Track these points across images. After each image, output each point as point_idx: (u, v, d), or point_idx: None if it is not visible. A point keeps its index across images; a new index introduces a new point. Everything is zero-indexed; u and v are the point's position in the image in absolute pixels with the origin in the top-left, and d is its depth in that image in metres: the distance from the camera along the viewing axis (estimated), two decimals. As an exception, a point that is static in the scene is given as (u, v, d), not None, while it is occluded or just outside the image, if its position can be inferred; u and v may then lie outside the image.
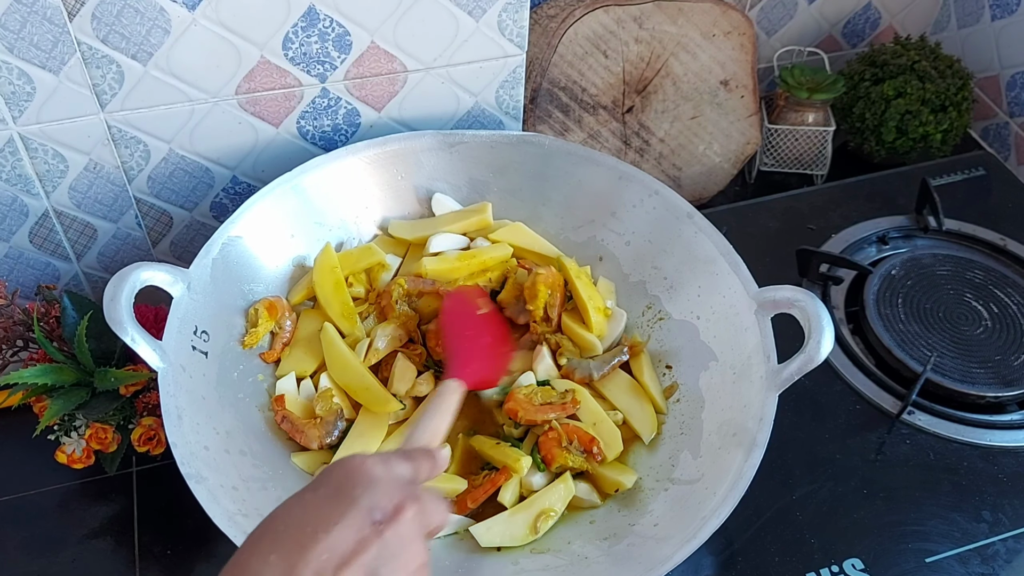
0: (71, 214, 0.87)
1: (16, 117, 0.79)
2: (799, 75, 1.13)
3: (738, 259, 0.79)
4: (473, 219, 0.89)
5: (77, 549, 0.81)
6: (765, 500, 0.81)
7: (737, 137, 1.10)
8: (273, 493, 0.72)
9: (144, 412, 0.82)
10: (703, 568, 0.77)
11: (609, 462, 0.78)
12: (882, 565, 0.78)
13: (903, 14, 1.24)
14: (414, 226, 0.90)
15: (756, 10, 1.15)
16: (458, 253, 0.88)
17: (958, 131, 1.14)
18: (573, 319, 0.84)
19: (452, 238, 0.89)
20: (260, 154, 0.89)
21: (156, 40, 0.77)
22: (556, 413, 0.78)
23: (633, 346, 0.84)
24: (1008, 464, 0.85)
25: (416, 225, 0.90)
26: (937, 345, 0.93)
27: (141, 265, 0.72)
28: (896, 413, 0.88)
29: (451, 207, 0.91)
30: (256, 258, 0.82)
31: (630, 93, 1.04)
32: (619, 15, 0.98)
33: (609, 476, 0.77)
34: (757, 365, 0.74)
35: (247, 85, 0.83)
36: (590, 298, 0.84)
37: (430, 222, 0.90)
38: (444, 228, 0.89)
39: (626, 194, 0.87)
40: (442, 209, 0.90)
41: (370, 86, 0.87)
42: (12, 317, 0.81)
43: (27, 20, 0.73)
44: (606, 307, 0.85)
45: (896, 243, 1.04)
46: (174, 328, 0.73)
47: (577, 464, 0.76)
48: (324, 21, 0.81)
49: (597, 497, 0.77)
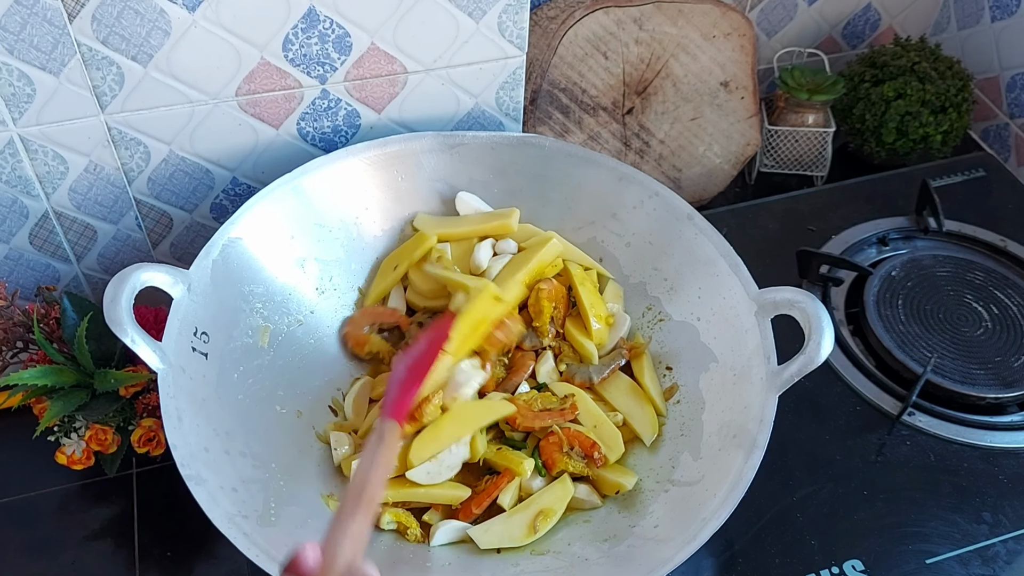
0: (71, 215, 0.87)
1: (16, 119, 0.79)
2: (799, 76, 1.13)
3: (738, 260, 0.79)
4: (496, 223, 0.88)
5: (77, 551, 0.81)
6: (765, 501, 0.81)
7: (737, 138, 1.10)
8: (274, 495, 0.72)
9: (144, 413, 0.82)
10: (703, 570, 0.77)
11: (610, 464, 0.78)
12: (883, 566, 0.77)
13: (903, 15, 1.24)
14: (439, 222, 0.90)
15: (756, 11, 1.15)
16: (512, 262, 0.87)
17: (958, 132, 1.14)
18: (576, 325, 0.84)
19: (487, 246, 0.88)
20: (260, 155, 0.89)
21: (156, 41, 0.77)
22: (555, 419, 0.78)
23: (634, 347, 0.84)
24: (1008, 465, 0.85)
25: (441, 222, 0.90)
26: (937, 346, 0.93)
27: (141, 266, 0.72)
28: (896, 414, 0.88)
29: (477, 206, 0.90)
30: (256, 259, 0.82)
31: (630, 94, 1.04)
32: (619, 16, 0.98)
33: (609, 478, 0.77)
34: (757, 366, 0.74)
35: (247, 86, 0.83)
36: (592, 306, 0.84)
37: (454, 220, 0.90)
38: (471, 228, 0.88)
39: (626, 195, 0.87)
40: (466, 208, 0.90)
41: (370, 87, 0.87)
42: (12, 318, 0.81)
43: (27, 22, 0.73)
44: (609, 315, 0.85)
45: (896, 244, 1.04)
46: (174, 329, 0.73)
47: (578, 469, 0.76)
48: (324, 22, 0.81)
49: (597, 498, 0.77)
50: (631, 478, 0.77)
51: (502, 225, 0.88)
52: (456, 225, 0.89)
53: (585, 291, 0.85)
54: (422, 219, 0.90)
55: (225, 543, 0.64)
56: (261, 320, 0.82)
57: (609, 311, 0.86)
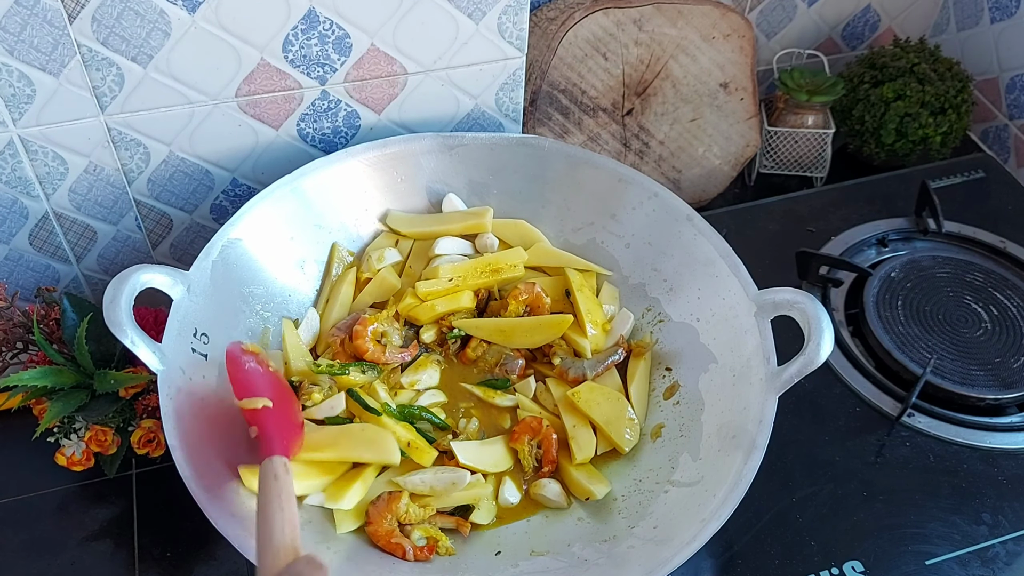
0: (71, 216, 0.87)
1: (16, 119, 0.79)
2: (799, 78, 1.13)
3: (738, 261, 0.80)
4: (471, 222, 0.89)
5: (77, 551, 0.81)
6: (765, 502, 0.81)
7: (737, 139, 1.11)
8: (273, 495, 0.72)
9: (144, 414, 0.82)
10: (703, 571, 0.77)
11: (582, 465, 0.78)
12: (882, 567, 0.78)
13: (902, 16, 1.24)
14: (412, 220, 0.90)
15: (756, 12, 1.15)
16: (464, 264, 0.87)
17: (957, 133, 1.14)
18: (573, 329, 0.84)
19: (457, 243, 0.89)
20: (260, 156, 0.89)
21: (156, 42, 0.78)
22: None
23: (637, 347, 0.84)
24: (1008, 466, 0.85)
25: (415, 220, 0.90)
26: (937, 347, 0.93)
27: (141, 267, 0.72)
28: (896, 415, 0.88)
29: (460, 209, 0.91)
30: (256, 260, 0.82)
31: (630, 95, 1.04)
32: (619, 17, 0.98)
33: (583, 482, 0.77)
34: (757, 367, 0.74)
35: (247, 87, 0.83)
36: (589, 312, 0.84)
37: (428, 219, 0.90)
38: (443, 227, 0.89)
39: (626, 196, 0.87)
40: (452, 210, 0.90)
41: (370, 88, 0.87)
42: (12, 319, 0.81)
43: (27, 23, 0.73)
44: (606, 321, 0.85)
45: (896, 245, 1.04)
46: (174, 330, 0.73)
47: (525, 463, 0.78)
48: (324, 24, 0.81)
49: (564, 501, 0.77)
50: (603, 487, 0.76)
51: (476, 224, 0.89)
52: (429, 224, 0.89)
53: (583, 297, 0.85)
54: (394, 217, 0.90)
55: (225, 544, 0.64)
56: (261, 321, 0.82)
57: (606, 315, 0.86)
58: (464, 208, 0.91)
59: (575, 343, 0.84)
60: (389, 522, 0.72)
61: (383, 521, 0.72)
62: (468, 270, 0.86)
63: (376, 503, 0.73)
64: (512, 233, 0.90)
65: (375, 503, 0.73)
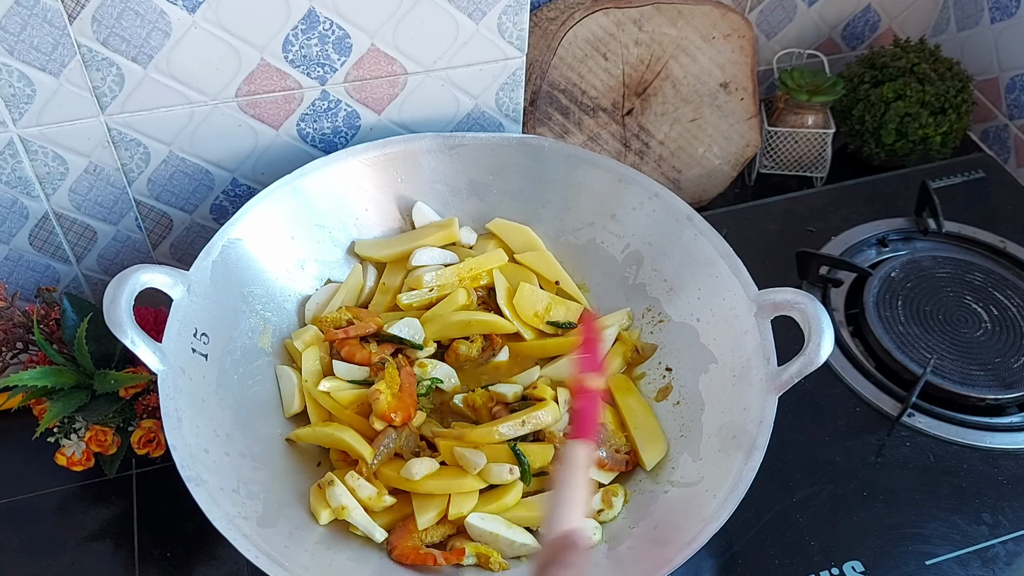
0: (71, 216, 0.87)
1: (16, 119, 0.79)
2: (799, 78, 1.13)
3: (738, 261, 0.80)
4: (439, 234, 0.89)
5: (76, 551, 0.81)
6: (765, 502, 0.81)
7: (737, 139, 1.11)
8: (273, 496, 0.72)
9: (144, 414, 0.82)
10: (703, 571, 0.77)
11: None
12: (882, 567, 0.78)
13: (902, 16, 1.24)
14: (379, 245, 0.90)
15: (756, 13, 1.15)
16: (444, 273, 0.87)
17: (957, 133, 1.14)
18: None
19: (436, 252, 0.88)
20: (260, 156, 0.89)
21: (156, 42, 0.78)
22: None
23: (637, 349, 0.85)
24: (1008, 466, 0.85)
25: (382, 244, 0.90)
26: (937, 347, 0.93)
27: (141, 267, 0.72)
28: (896, 415, 0.88)
29: (431, 217, 0.91)
30: (256, 260, 0.82)
31: (630, 95, 1.04)
32: (619, 18, 0.98)
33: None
34: (757, 367, 0.74)
35: (247, 87, 0.83)
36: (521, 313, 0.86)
37: (395, 240, 0.90)
38: (411, 245, 0.88)
39: (626, 196, 0.87)
40: (423, 219, 0.90)
41: (370, 88, 0.87)
42: (12, 319, 0.81)
43: (27, 23, 0.73)
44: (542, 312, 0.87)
45: (896, 245, 1.04)
46: (174, 330, 0.73)
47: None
48: (324, 24, 0.81)
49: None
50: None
51: (444, 235, 0.89)
52: (397, 245, 0.89)
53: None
54: (361, 244, 0.89)
55: (225, 544, 0.64)
56: (261, 321, 0.82)
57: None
58: (435, 217, 0.91)
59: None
60: (412, 540, 0.72)
61: (406, 541, 0.72)
62: (449, 277, 0.86)
63: (395, 530, 0.73)
64: (514, 236, 0.90)
65: (394, 531, 0.73)
